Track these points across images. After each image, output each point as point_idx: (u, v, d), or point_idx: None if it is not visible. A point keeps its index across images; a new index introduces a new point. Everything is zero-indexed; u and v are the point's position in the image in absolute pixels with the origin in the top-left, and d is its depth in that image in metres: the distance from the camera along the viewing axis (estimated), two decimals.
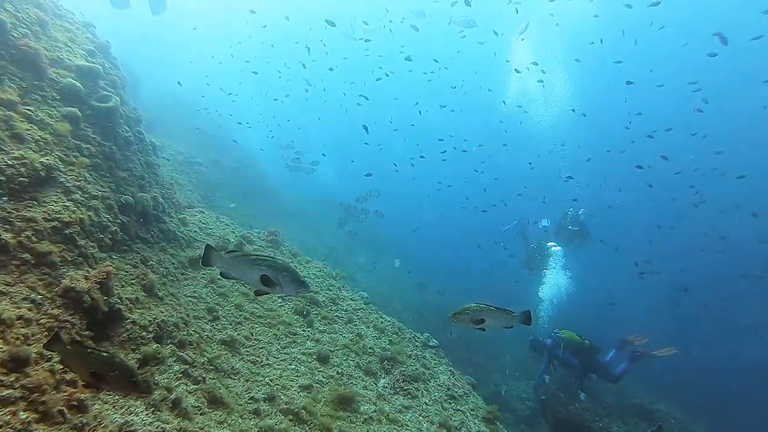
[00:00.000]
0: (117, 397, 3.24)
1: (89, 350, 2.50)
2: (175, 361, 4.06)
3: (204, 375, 4.17)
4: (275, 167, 24.66)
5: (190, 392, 3.85)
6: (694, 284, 18.42)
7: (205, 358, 4.40)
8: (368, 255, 22.26)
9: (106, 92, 5.47)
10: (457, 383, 6.32)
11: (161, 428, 3.21)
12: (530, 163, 20.07)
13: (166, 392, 3.61)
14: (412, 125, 24.20)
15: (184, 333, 4.49)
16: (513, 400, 13.95)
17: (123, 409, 3.23)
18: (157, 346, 4.00)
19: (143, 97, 17.78)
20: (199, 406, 3.76)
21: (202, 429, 3.53)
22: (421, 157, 23.16)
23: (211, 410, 3.83)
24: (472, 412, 5.75)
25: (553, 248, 13.99)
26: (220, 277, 5.67)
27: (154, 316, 4.24)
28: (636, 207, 25.54)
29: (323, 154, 26.40)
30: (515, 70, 18.99)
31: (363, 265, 20.18)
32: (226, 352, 4.80)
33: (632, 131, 20.66)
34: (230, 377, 4.47)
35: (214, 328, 5.12)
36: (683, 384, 18.43)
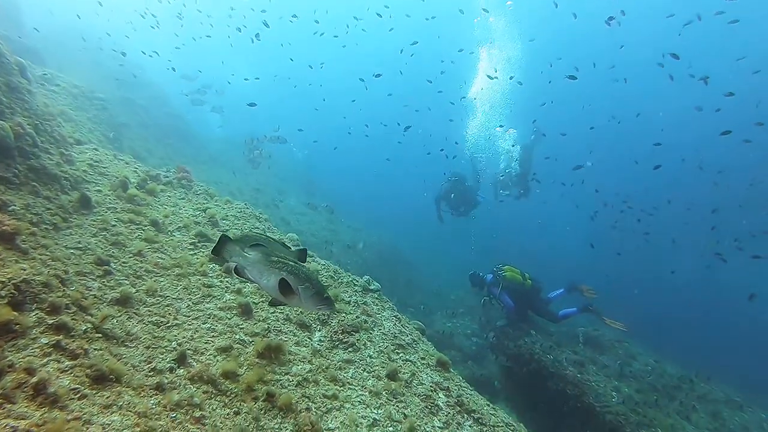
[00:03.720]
0: None
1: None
2: (42, 332, 3.24)
3: (86, 346, 3.38)
4: (192, 108, 23.00)
5: (63, 371, 3.07)
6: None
7: (89, 325, 3.59)
8: (301, 198, 21.49)
9: None
10: (404, 330, 5.88)
11: (11, 427, 2.44)
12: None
13: (24, 375, 2.82)
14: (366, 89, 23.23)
15: (59, 294, 3.64)
16: (458, 338, 14.11)
17: None
18: (15, 315, 3.15)
19: (30, 25, 15.65)
20: (76, 388, 3.00)
21: (79, 418, 2.79)
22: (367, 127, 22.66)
23: (94, 391, 3.08)
24: (422, 361, 5.34)
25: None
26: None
27: (9, 276, 3.35)
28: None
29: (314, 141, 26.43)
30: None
31: (294, 207, 19.41)
32: (119, 313, 4.00)
33: None
34: (125, 345, 3.71)
35: (105, 285, 4.27)
36: (624, 310, 19.55)
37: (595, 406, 8.21)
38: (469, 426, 4.56)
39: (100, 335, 3.60)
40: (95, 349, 3.43)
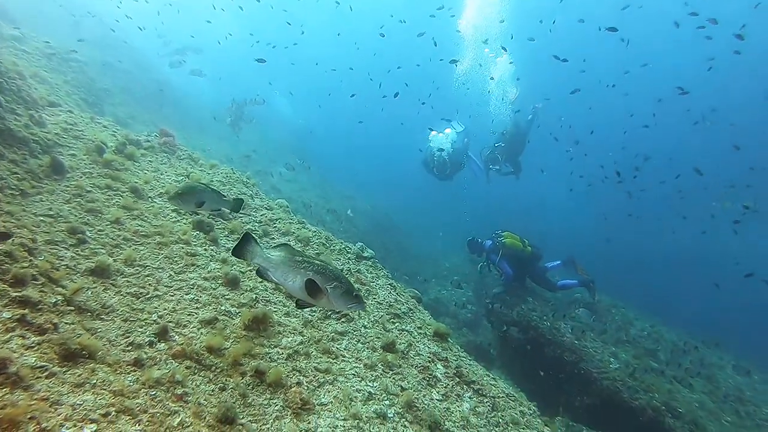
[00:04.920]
0: None
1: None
2: (4, 306, 2.97)
3: (55, 320, 3.12)
4: (187, 76, 22.30)
5: (28, 347, 2.82)
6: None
7: (59, 297, 3.32)
8: (293, 163, 21.12)
9: None
10: (399, 299, 5.67)
11: None
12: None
13: None
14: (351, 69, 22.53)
15: (25, 264, 3.36)
16: (453, 305, 14.05)
17: None
18: None
19: None
20: (44, 366, 2.75)
21: (46, 399, 2.55)
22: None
23: (64, 369, 2.84)
24: (419, 331, 5.14)
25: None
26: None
27: None
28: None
29: (291, 93, 26.52)
30: None
31: (286, 174, 19.06)
32: (94, 284, 3.73)
33: None
34: (100, 318, 3.45)
35: (79, 254, 3.99)
36: (619, 277, 19.62)
37: (592, 372, 8.14)
38: (469, 398, 4.39)
39: (72, 308, 3.34)
40: (66, 323, 3.17)
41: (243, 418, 3.16)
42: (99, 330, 3.32)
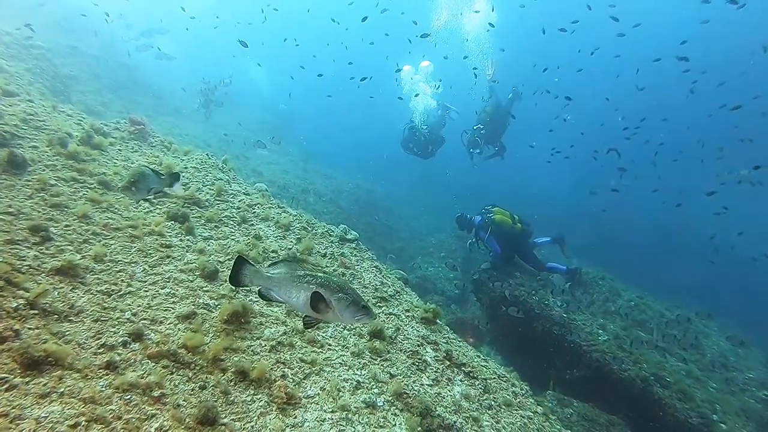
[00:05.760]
0: None
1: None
2: None
3: (17, 326, 2.92)
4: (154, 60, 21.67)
5: None
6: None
7: (21, 301, 3.12)
8: (272, 147, 20.78)
9: None
10: (385, 281, 5.54)
11: None
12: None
13: None
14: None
15: None
16: (441, 282, 14.02)
17: None
18: None
19: None
20: (3, 378, 2.56)
21: (6, 415, 2.37)
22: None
23: (27, 379, 2.65)
24: (407, 314, 5.03)
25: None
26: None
27: None
28: None
29: (258, 64, 26.27)
30: None
31: (266, 157, 18.73)
32: (61, 284, 3.52)
33: None
34: (68, 320, 3.25)
35: (43, 253, 3.76)
36: (603, 248, 19.77)
37: (581, 345, 8.15)
38: (461, 380, 4.30)
39: (35, 312, 3.13)
40: (29, 329, 2.97)
41: (225, 417, 3.01)
42: (67, 333, 3.13)
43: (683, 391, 7.49)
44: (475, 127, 13.21)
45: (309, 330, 4.03)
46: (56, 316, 3.22)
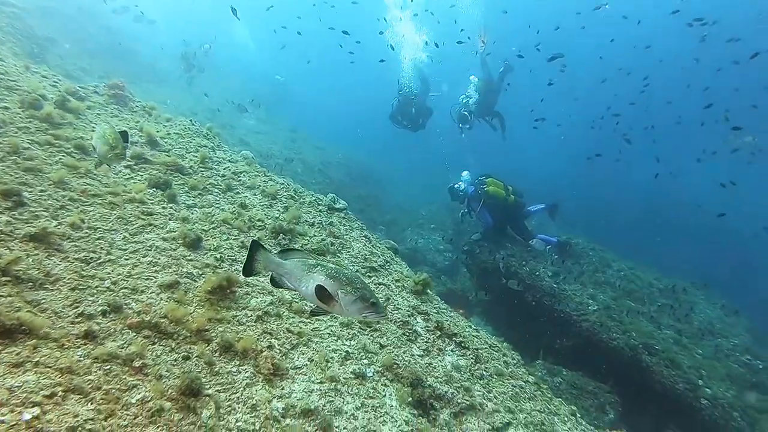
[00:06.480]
0: None
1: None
2: None
3: None
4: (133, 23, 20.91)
5: None
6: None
7: None
8: (261, 115, 20.39)
9: None
10: (375, 251, 5.45)
11: None
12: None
13: None
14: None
15: None
16: (431, 253, 13.99)
17: None
18: None
19: None
20: None
21: None
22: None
23: None
24: (397, 284, 4.95)
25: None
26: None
27: None
28: None
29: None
30: None
31: (253, 126, 18.38)
32: (36, 251, 3.37)
33: None
34: (43, 288, 3.12)
35: (16, 218, 3.59)
36: (593, 219, 19.82)
37: (572, 315, 8.18)
38: (452, 351, 4.26)
39: (8, 279, 2.99)
40: (2, 297, 2.84)
41: (210, 388, 2.93)
42: (42, 302, 3.00)
43: (671, 359, 7.57)
44: (464, 101, 12.98)
45: (314, 317, 3.93)
46: (31, 283, 3.08)
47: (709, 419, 7.11)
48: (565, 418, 4.47)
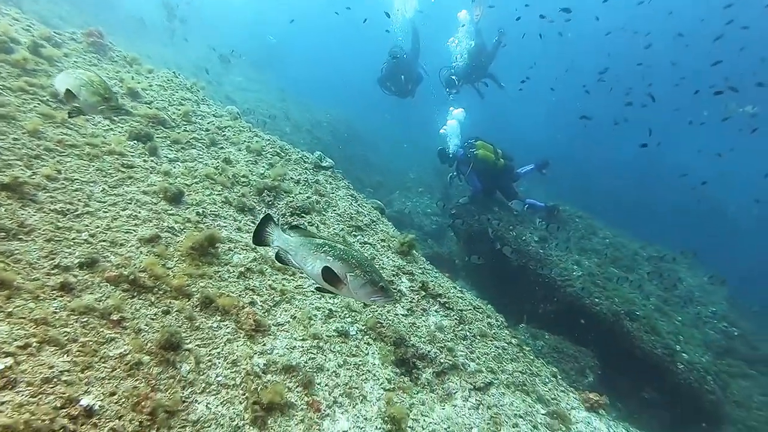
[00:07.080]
0: None
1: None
2: None
3: None
4: None
5: None
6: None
7: None
8: (250, 74, 19.90)
9: None
10: (361, 210, 5.40)
11: None
12: None
13: None
14: None
15: None
16: (418, 216, 13.99)
17: None
18: None
19: None
20: None
21: None
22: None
23: None
24: (383, 243, 4.92)
25: None
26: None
27: None
28: None
29: None
30: None
31: (240, 83, 17.97)
32: (9, 201, 3.27)
33: None
34: (17, 239, 3.03)
35: None
36: (579, 187, 19.89)
37: (556, 280, 8.26)
38: (436, 311, 4.27)
39: None
40: None
41: (190, 343, 2.90)
42: (16, 252, 2.92)
43: (651, 325, 7.73)
44: (453, 65, 12.82)
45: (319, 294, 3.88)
46: (3, 233, 3.00)
47: (685, 383, 7.33)
48: (546, 380, 4.55)
